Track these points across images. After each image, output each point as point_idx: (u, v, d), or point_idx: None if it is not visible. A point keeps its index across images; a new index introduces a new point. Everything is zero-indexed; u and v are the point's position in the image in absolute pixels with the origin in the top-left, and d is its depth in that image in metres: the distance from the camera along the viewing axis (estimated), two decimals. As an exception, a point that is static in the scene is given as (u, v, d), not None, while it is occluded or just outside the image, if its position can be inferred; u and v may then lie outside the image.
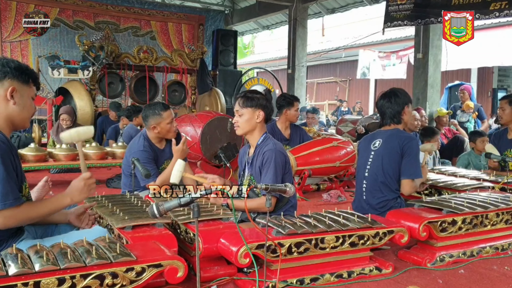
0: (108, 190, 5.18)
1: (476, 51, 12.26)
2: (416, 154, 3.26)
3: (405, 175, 3.22)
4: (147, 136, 3.73)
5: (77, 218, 2.52)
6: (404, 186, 3.25)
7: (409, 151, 3.21)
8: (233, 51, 12.29)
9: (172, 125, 3.71)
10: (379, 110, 3.47)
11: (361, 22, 18.37)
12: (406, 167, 3.21)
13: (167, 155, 3.81)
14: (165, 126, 3.67)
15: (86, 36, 8.97)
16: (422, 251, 2.90)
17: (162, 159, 3.79)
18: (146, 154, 3.60)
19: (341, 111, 17.10)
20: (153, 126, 3.67)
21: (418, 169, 3.24)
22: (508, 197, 3.23)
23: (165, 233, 2.42)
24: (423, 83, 8.68)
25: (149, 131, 3.73)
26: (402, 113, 3.35)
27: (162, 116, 3.65)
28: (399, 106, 3.33)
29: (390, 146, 3.27)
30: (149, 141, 3.72)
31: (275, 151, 2.90)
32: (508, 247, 3.10)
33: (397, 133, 3.32)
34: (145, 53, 8.56)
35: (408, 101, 3.38)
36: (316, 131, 6.93)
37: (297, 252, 2.38)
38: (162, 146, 3.81)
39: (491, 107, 14.11)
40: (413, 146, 3.24)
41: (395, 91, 3.38)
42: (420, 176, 3.27)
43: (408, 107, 3.37)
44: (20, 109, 2.14)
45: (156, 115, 3.65)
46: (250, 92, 3.02)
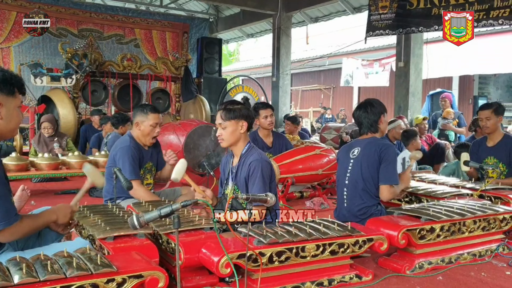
0: (91, 199, 5.15)
1: (457, 60, 12.51)
2: (393, 160, 3.34)
3: (383, 181, 3.30)
4: (132, 135, 3.81)
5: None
6: (382, 191, 3.31)
7: (386, 157, 3.28)
8: (217, 59, 12.36)
9: (154, 129, 3.77)
10: (356, 120, 3.56)
11: (345, 30, 18.57)
12: (383, 173, 3.28)
13: (150, 157, 3.89)
14: (147, 127, 3.74)
15: (69, 44, 8.91)
16: (401, 259, 2.95)
17: (146, 159, 3.84)
18: (131, 151, 3.66)
19: (326, 118, 17.23)
20: (137, 123, 3.76)
21: (395, 175, 3.32)
22: (485, 204, 3.30)
23: (147, 244, 2.43)
24: (405, 91, 8.82)
25: (133, 130, 3.82)
26: (379, 121, 3.43)
27: (148, 117, 3.74)
28: (375, 115, 3.41)
29: (368, 153, 3.34)
30: (135, 140, 3.79)
31: (261, 161, 2.93)
32: (485, 254, 3.17)
33: (374, 141, 3.40)
34: (129, 61, 8.55)
35: (384, 110, 3.48)
36: (299, 139, 6.99)
37: (278, 261, 2.40)
38: (146, 148, 3.88)
39: (472, 114, 14.36)
40: (390, 153, 3.31)
41: (371, 102, 3.48)
42: (397, 182, 3.35)
43: (384, 116, 3.46)
44: (7, 122, 2.13)
45: (143, 113, 3.76)
46: (230, 104, 3.04)
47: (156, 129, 3.78)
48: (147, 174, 3.89)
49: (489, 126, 4.35)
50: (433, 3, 7.50)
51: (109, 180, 3.74)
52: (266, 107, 5.21)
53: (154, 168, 3.98)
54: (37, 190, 5.78)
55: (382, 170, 3.28)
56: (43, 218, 2.27)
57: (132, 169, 3.59)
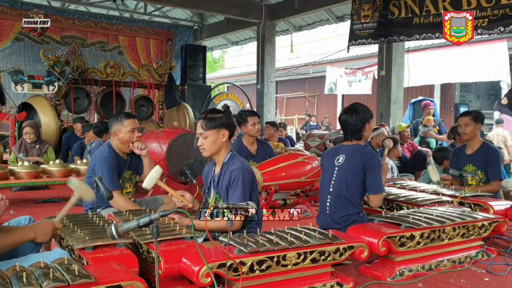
0: (72, 208, 5.07)
1: (439, 68, 12.73)
2: (379, 169, 3.37)
3: (372, 191, 3.34)
4: (111, 145, 3.78)
5: None
6: (372, 200, 3.37)
7: (371, 167, 3.31)
8: (202, 66, 12.37)
9: (133, 135, 3.75)
10: (341, 124, 3.57)
11: (329, 39, 18.77)
12: (371, 183, 3.32)
13: (129, 165, 3.87)
14: (126, 134, 3.72)
15: (52, 51, 8.84)
16: (382, 266, 2.97)
17: (125, 168, 3.83)
18: (110, 161, 3.63)
19: (310, 125, 17.35)
20: (114, 132, 3.73)
21: (381, 184, 3.37)
22: (464, 212, 3.35)
23: (126, 253, 2.40)
24: (387, 100, 8.93)
25: (112, 139, 3.79)
26: (363, 130, 3.44)
27: (123, 123, 3.72)
28: (360, 123, 3.42)
29: (353, 162, 3.36)
30: (113, 149, 3.76)
31: (243, 169, 2.92)
32: (465, 260, 3.21)
33: (358, 149, 3.42)
34: (112, 68, 8.49)
35: (369, 117, 3.46)
36: (283, 147, 7.00)
37: (259, 270, 2.40)
38: (125, 157, 3.85)
39: (454, 122, 14.58)
40: (374, 162, 3.34)
41: (357, 108, 3.46)
42: (384, 190, 3.41)
43: (369, 123, 3.46)
44: None
45: (118, 121, 3.74)
46: (211, 113, 3.01)
47: (134, 134, 3.76)
48: (126, 183, 3.86)
49: (468, 132, 4.42)
50: (414, 12, 7.62)
51: None
52: (254, 114, 5.23)
53: (134, 176, 3.96)
54: (16, 199, 5.69)
55: (369, 181, 3.31)
56: (16, 237, 2.18)
57: (111, 179, 3.56)
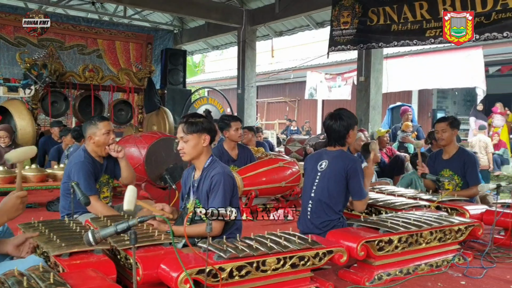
0: (48, 214, 4.99)
1: (416, 74, 12.95)
2: (361, 174, 3.42)
3: (356, 196, 3.41)
4: (86, 149, 3.73)
5: (16, 248, 2.42)
6: (356, 206, 3.46)
7: (354, 173, 3.36)
8: (182, 70, 12.32)
9: (108, 137, 3.71)
10: (325, 130, 3.60)
11: (309, 44, 18.93)
12: (355, 189, 3.38)
13: (106, 169, 3.82)
14: (101, 137, 3.67)
15: (28, 54, 8.67)
16: (361, 270, 2.99)
17: (101, 172, 3.78)
18: (86, 166, 3.58)
19: (291, 130, 17.42)
20: (90, 136, 3.68)
21: (364, 190, 3.44)
22: (441, 216, 3.40)
23: (104, 260, 2.37)
24: (365, 105, 9.04)
25: (87, 144, 3.74)
26: (346, 136, 3.48)
27: (98, 126, 3.68)
28: (344, 130, 3.45)
29: (335, 168, 3.39)
30: (89, 153, 3.71)
31: (224, 174, 2.91)
32: (442, 264, 3.25)
33: (341, 155, 3.45)
34: (90, 72, 8.36)
35: (354, 124, 3.49)
36: (264, 151, 7.01)
37: (239, 275, 2.39)
38: (102, 161, 3.80)
39: (431, 127, 14.83)
40: (357, 169, 3.39)
41: (341, 115, 3.48)
42: (366, 195, 3.48)
43: (353, 130, 3.48)
44: None
45: (92, 125, 3.70)
46: (192, 117, 3.01)
47: (110, 136, 3.72)
48: (103, 187, 3.81)
49: (445, 138, 4.50)
50: (392, 19, 7.75)
51: (64, 196, 3.65)
52: (237, 119, 5.24)
53: (111, 180, 3.91)
54: (-10, 205, 5.55)
55: (353, 187, 3.37)
56: None
57: (88, 184, 3.50)
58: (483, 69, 11.57)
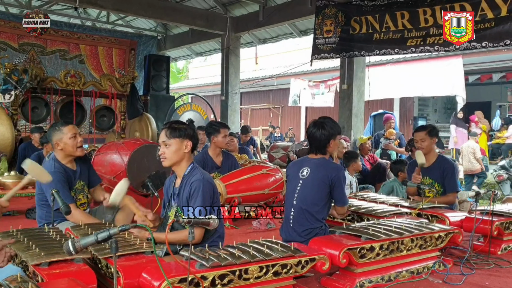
0: (27, 222, 4.89)
1: (398, 82, 13.12)
2: (344, 182, 3.50)
3: (339, 203, 3.50)
4: (56, 158, 3.63)
5: None
6: (339, 211, 3.59)
7: (338, 182, 3.41)
8: (165, 76, 12.28)
9: (75, 140, 3.60)
10: (308, 137, 3.63)
11: (293, 52, 19.06)
12: (339, 197, 3.46)
13: (80, 175, 3.72)
14: (68, 141, 3.58)
15: (9, 58, 8.56)
16: (343, 278, 3.00)
17: (75, 179, 3.69)
18: (58, 176, 3.48)
19: (274, 136, 17.45)
20: (56, 143, 3.59)
21: (346, 197, 3.57)
22: (422, 223, 3.44)
23: (84, 269, 2.34)
24: (348, 113, 9.12)
25: (56, 152, 3.65)
26: (327, 145, 3.51)
27: (63, 131, 3.58)
28: (325, 139, 3.47)
29: (318, 176, 3.42)
30: (59, 162, 3.61)
31: (203, 181, 2.90)
32: (423, 271, 3.28)
33: (324, 164, 3.48)
34: (72, 77, 8.26)
35: (336, 133, 3.51)
36: (247, 158, 7.01)
37: (221, 284, 2.37)
38: (74, 167, 3.70)
39: (412, 134, 15.01)
40: (340, 177, 3.44)
41: (324, 124, 3.49)
42: (348, 202, 3.61)
43: (334, 140, 3.51)
44: None
45: (56, 131, 3.60)
46: (176, 123, 3.02)
47: (77, 139, 3.62)
48: (79, 194, 3.71)
49: (424, 147, 4.56)
50: (374, 28, 7.86)
51: (40, 206, 3.58)
52: (226, 126, 5.26)
53: (86, 186, 3.81)
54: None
55: (336, 194, 3.44)
56: None
57: (63, 193, 3.38)
58: (463, 78, 11.78)
